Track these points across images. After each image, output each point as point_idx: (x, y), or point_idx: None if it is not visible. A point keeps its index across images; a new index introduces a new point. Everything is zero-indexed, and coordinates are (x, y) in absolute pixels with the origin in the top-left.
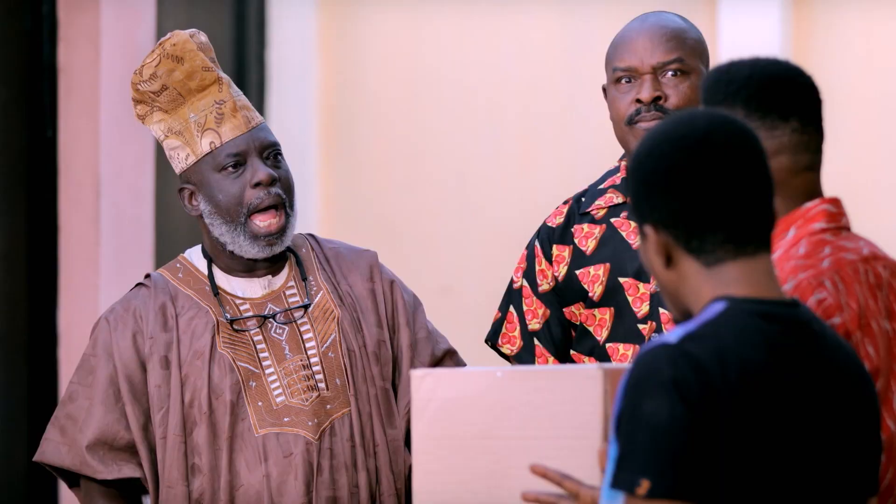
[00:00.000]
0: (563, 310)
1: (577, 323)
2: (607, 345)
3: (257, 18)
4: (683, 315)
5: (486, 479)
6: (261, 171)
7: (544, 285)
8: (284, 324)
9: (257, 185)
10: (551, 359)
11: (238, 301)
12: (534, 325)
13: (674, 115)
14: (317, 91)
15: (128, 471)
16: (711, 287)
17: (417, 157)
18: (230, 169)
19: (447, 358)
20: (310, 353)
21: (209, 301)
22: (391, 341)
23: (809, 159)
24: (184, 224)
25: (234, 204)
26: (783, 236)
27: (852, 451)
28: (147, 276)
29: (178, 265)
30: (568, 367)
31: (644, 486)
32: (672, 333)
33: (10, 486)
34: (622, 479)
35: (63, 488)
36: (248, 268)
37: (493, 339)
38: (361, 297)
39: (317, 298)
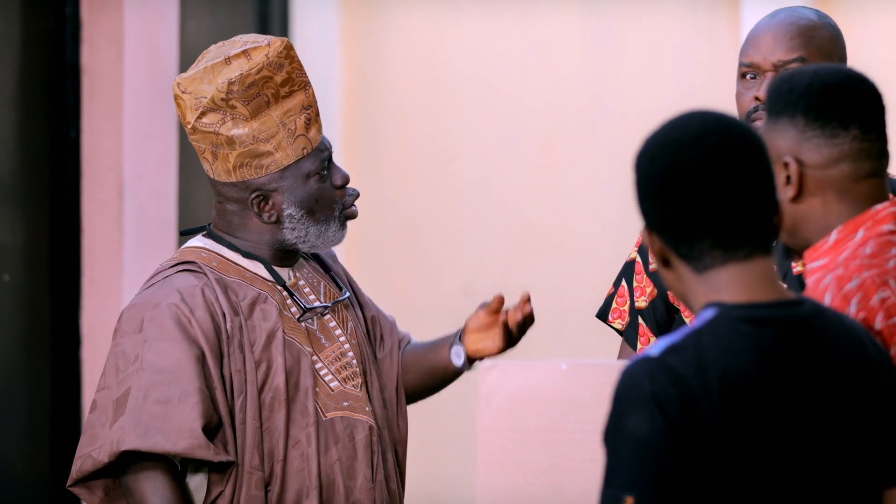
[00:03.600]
0: (668, 292)
1: (677, 309)
2: None
3: (280, 19)
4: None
5: (549, 472)
6: (341, 172)
7: (654, 264)
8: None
9: (341, 187)
10: (653, 339)
11: (278, 288)
12: (640, 302)
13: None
14: (339, 91)
15: (225, 455)
16: (704, 292)
17: (440, 156)
18: (322, 173)
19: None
20: (340, 340)
21: (260, 286)
22: (364, 315)
23: (872, 166)
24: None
25: (329, 205)
26: (851, 237)
27: (863, 445)
28: (181, 263)
29: (202, 254)
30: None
31: (628, 502)
32: (656, 346)
33: (33, 487)
34: (608, 495)
35: None
36: (282, 262)
37: (603, 314)
38: (348, 282)
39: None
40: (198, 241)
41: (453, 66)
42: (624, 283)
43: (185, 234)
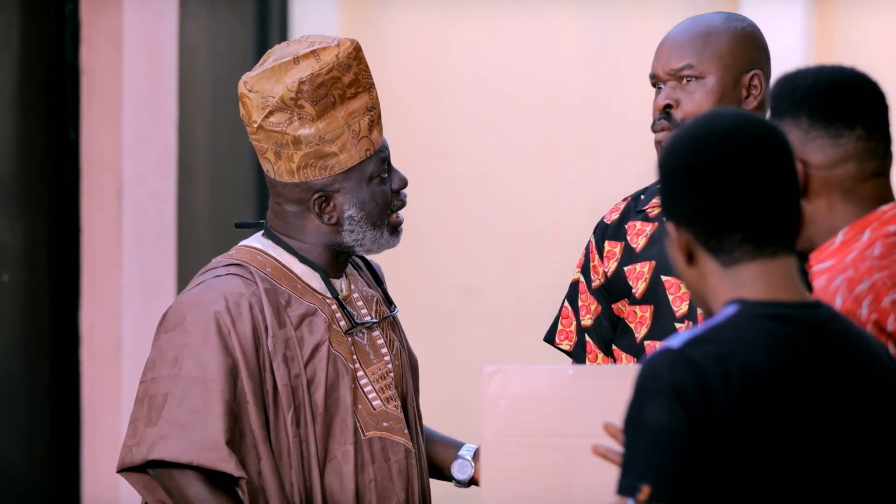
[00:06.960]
0: (612, 306)
1: (622, 319)
2: (645, 342)
3: (279, 20)
4: (709, 313)
5: (554, 477)
6: (400, 175)
7: (596, 281)
8: (367, 329)
9: (398, 190)
10: (601, 356)
11: (328, 301)
12: (586, 320)
13: (704, 113)
14: None
15: (242, 470)
16: (728, 287)
17: (440, 157)
18: (383, 176)
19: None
20: (385, 359)
21: (310, 298)
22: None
23: (877, 165)
24: (205, 225)
25: (385, 208)
26: (858, 238)
27: (878, 453)
28: (234, 265)
29: (258, 258)
30: (639, 365)
31: (644, 491)
32: (677, 337)
33: (32, 487)
34: (624, 484)
35: (87, 490)
36: (336, 270)
37: (550, 337)
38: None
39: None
40: (256, 240)
41: (453, 66)
42: (567, 304)
43: (240, 226)
